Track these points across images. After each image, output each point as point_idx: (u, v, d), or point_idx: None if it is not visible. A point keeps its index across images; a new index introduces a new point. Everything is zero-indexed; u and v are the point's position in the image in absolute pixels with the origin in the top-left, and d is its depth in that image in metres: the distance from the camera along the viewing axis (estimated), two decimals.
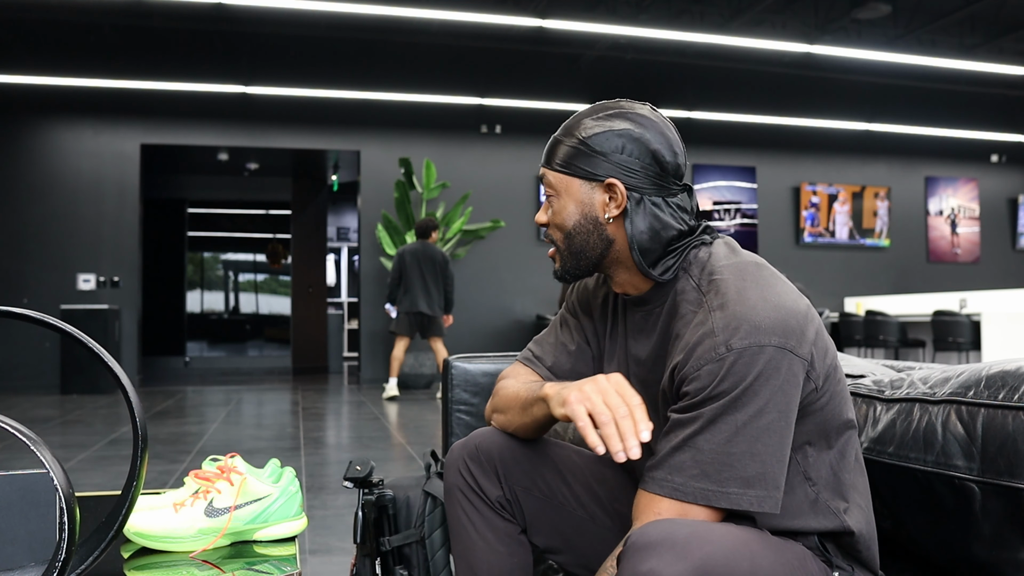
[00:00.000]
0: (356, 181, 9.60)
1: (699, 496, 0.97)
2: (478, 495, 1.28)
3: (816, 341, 1.03)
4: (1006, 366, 1.09)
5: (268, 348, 13.30)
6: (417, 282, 6.96)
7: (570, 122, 1.16)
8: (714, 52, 8.93)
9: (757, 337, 0.97)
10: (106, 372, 0.96)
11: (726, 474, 0.96)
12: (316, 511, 3.11)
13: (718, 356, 0.98)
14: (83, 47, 8.27)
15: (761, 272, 1.07)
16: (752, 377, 0.96)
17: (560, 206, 1.14)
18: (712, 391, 0.97)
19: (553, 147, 1.15)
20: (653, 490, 1.01)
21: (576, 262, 1.16)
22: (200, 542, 1.14)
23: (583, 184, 1.12)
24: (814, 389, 1.03)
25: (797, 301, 1.03)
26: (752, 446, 0.96)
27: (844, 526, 1.06)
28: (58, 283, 8.20)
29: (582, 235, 1.13)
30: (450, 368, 1.95)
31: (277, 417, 6.07)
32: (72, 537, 0.80)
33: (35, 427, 5.33)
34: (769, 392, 0.97)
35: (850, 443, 1.10)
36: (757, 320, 0.98)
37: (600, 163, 1.11)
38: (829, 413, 1.06)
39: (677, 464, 0.99)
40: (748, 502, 0.97)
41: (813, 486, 1.06)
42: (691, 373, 1.00)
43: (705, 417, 0.98)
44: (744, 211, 10.12)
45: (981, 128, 10.74)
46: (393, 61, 8.91)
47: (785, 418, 0.98)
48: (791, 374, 0.98)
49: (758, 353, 0.97)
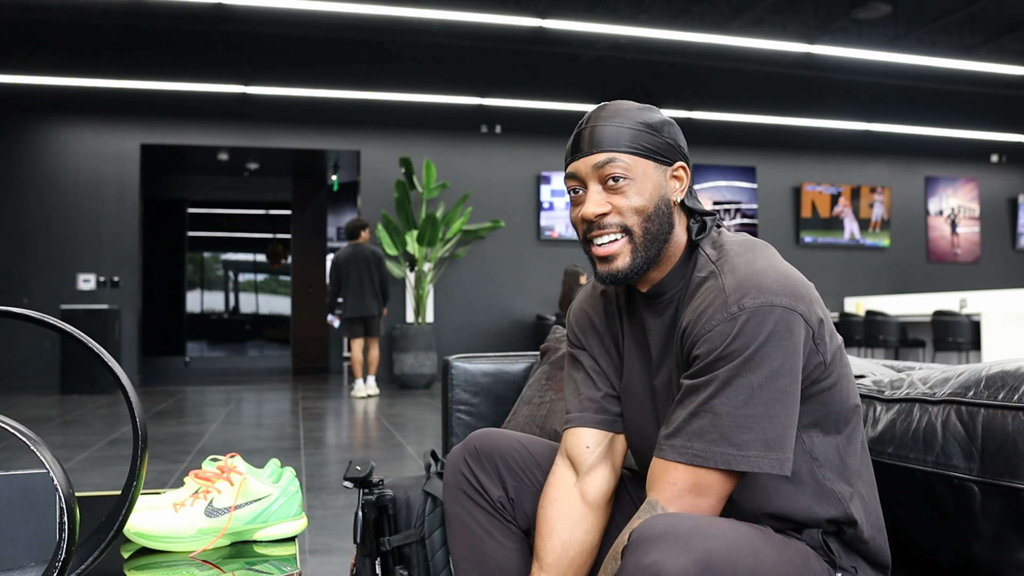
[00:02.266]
0: (356, 181, 9.60)
1: (719, 460, 0.97)
2: (481, 494, 1.28)
3: (823, 316, 1.04)
4: (1006, 366, 1.09)
5: (268, 348, 13.30)
6: (354, 286, 7.09)
7: (611, 110, 1.12)
8: (714, 52, 8.93)
9: (768, 297, 0.99)
10: (106, 372, 0.96)
11: (746, 437, 0.97)
12: (316, 511, 3.11)
13: (730, 316, 0.99)
14: (83, 47, 8.27)
15: (768, 248, 1.10)
16: (764, 336, 0.97)
17: (638, 189, 1.09)
18: (724, 350, 0.98)
19: (610, 132, 1.09)
20: (671, 457, 1.01)
21: (651, 249, 1.10)
22: (200, 542, 1.14)
23: (655, 167, 1.11)
24: (822, 363, 1.03)
25: (802, 277, 1.06)
26: (771, 408, 0.97)
27: (846, 513, 1.06)
28: (58, 283, 8.20)
29: (660, 218, 1.10)
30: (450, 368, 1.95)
31: (277, 417, 6.07)
32: (72, 537, 0.80)
33: (35, 427, 5.33)
34: (782, 354, 0.97)
35: (856, 429, 1.10)
36: (767, 283, 1.00)
37: (668, 147, 1.12)
38: (837, 396, 1.07)
39: (696, 430, 0.99)
40: (769, 465, 0.97)
41: (820, 467, 1.06)
42: (702, 334, 1.01)
43: (720, 379, 0.98)
44: (744, 211, 10.12)
45: (981, 128, 10.74)
46: (393, 61, 8.91)
47: (797, 381, 0.99)
48: (800, 337, 0.99)
49: (769, 312, 0.98)
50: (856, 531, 1.07)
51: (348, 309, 7.13)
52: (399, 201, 8.30)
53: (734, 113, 9.89)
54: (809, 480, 1.06)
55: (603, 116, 1.11)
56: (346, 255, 7.16)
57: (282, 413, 6.30)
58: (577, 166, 1.12)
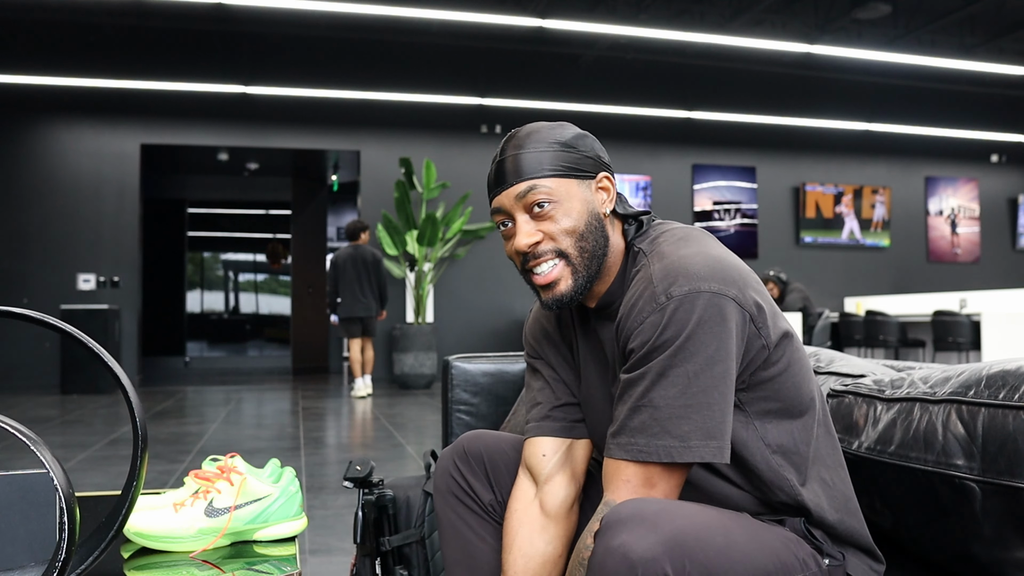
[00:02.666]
0: (356, 181, 9.60)
1: (663, 454, 0.97)
2: (471, 497, 1.28)
3: (760, 300, 1.02)
4: (1006, 366, 1.09)
5: (268, 348, 13.30)
6: (355, 286, 7.13)
7: (523, 136, 1.11)
8: (714, 52, 8.93)
9: (695, 283, 0.98)
10: (106, 372, 0.96)
11: (686, 427, 0.96)
12: (316, 511, 3.11)
13: (659, 306, 0.98)
14: (83, 47, 8.27)
15: (704, 236, 1.09)
16: (694, 323, 0.96)
17: (565, 210, 1.08)
18: (656, 341, 0.97)
19: (528, 159, 1.08)
20: (618, 456, 1.00)
21: (591, 267, 1.09)
22: (200, 542, 1.14)
23: (579, 184, 1.10)
24: (764, 347, 1.02)
25: (738, 261, 1.05)
26: (708, 396, 0.96)
27: (796, 500, 1.05)
28: (58, 283, 8.20)
29: (593, 234, 1.09)
30: (450, 368, 1.95)
31: (277, 417, 6.07)
32: (72, 537, 0.80)
33: (35, 427, 5.33)
34: (715, 340, 0.96)
35: (812, 416, 1.09)
36: (695, 269, 0.99)
37: (587, 161, 1.11)
38: (789, 383, 1.05)
39: (637, 426, 0.98)
40: (711, 453, 0.96)
41: (773, 454, 1.05)
42: (634, 327, 1.00)
43: (654, 371, 0.97)
44: (744, 211, 10.12)
45: (981, 128, 10.74)
46: (393, 61, 8.91)
47: (733, 367, 0.98)
48: (732, 321, 0.98)
49: (696, 298, 0.97)
50: (813, 517, 1.06)
51: (345, 309, 7.18)
52: (399, 201, 8.30)
53: (734, 113, 9.89)
54: (763, 467, 1.05)
55: (517, 144, 1.11)
56: (345, 256, 7.20)
57: (282, 413, 6.30)
58: (500, 200, 1.11)
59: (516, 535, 1.20)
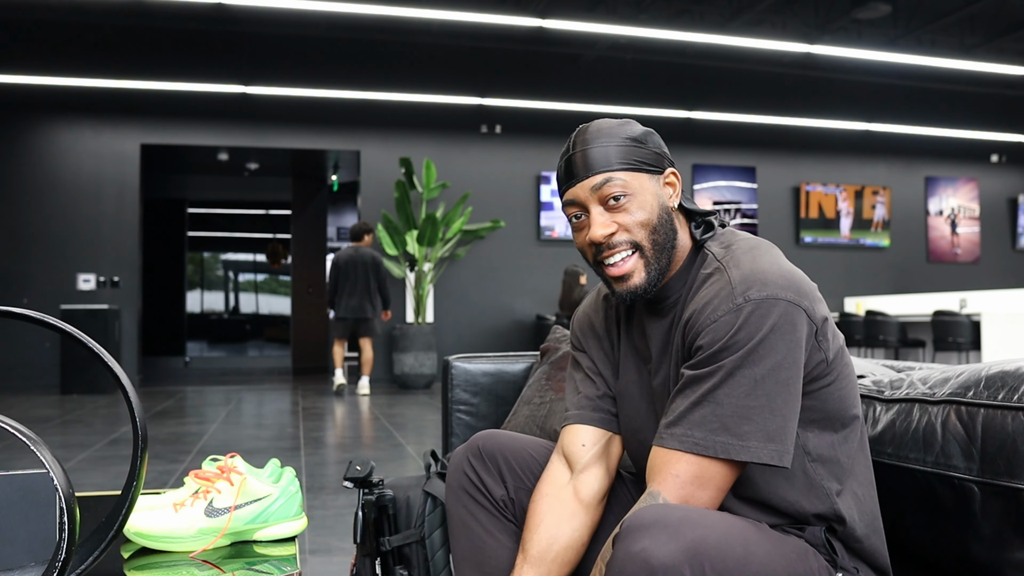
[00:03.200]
0: (356, 181, 9.60)
1: (719, 449, 0.98)
2: (483, 493, 1.28)
3: (825, 314, 1.05)
4: (1006, 366, 1.09)
5: (268, 348, 13.30)
6: (351, 287, 7.19)
7: (594, 131, 1.13)
8: (714, 52, 8.93)
9: (773, 291, 1.00)
10: (106, 372, 0.96)
11: (746, 427, 0.97)
12: (316, 511, 3.11)
13: (735, 307, 1.00)
14: (83, 47, 8.27)
15: (774, 247, 1.12)
16: (768, 328, 0.98)
17: (639, 203, 1.10)
18: (728, 341, 0.99)
19: (601, 152, 1.10)
20: (672, 446, 1.01)
21: (662, 260, 1.11)
22: (200, 542, 1.14)
23: (650, 178, 1.12)
24: (823, 360, 1.04)
25: (805, 276, 1.07)
26: (772, 400, 0.98)
27: (833, 509, 1.06)
28: (58, 283, 8.20)
29: (664, 227, 1.12)
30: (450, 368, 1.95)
31: (277, 417, 6.07)
32: (72, 537, 0.80)
33: (35, 427, 5.33)
34: (786, 347, 0.98)
35: (855, 431, 1.11)
36: (772, 278, 1.02)
37: (656, 156, 1.13)
38: (836, 395, 1.07)
39: (697, 419, 1.00)
40: (769, 455, 0.98)
41: (812, 462, 1.07)
42: (707, 324, 1.02)
43: (724, 370, 0.99)
44: (744, 211, 10.12)
45: (981, 128, 10.74)
46: (393, 61, 8.91)
47: (799, 375, 1.00)
48: (803, 332, 1.00)
49: (773, 305, 0.99)
50: (846, 529, 1.07)
51: (341, 309, 7.25)
52: (399, 201, 8.30)
53: (734, 113, 9.89)
54: (800, 474, 1.06)
55: (589, 138, 1.12)
56: (346, 257, 7.27)
57: (282, 413, 6.30)
58: (575, 191, 1.12)
59: (544, 516, 1.20)
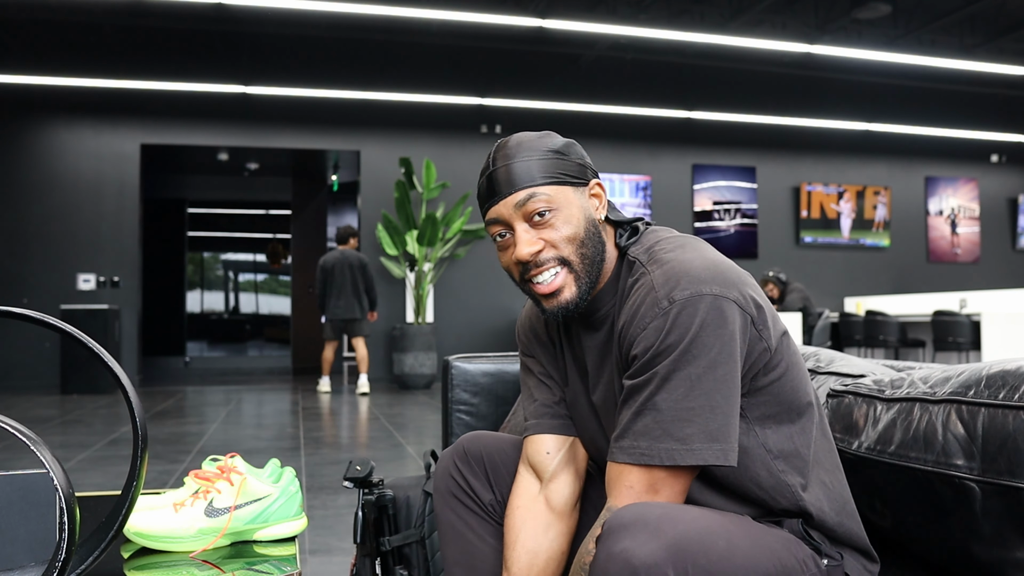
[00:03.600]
0: (356, 181, 9.60)
1: (665, 456, 0.96)
2: (471, 498, 1.28)
3: (760, 301, 1.03)
4: (1006, 366, 1.09)
5: (268, 348, 13.31)
6: (340, 289, 7.40)
7: (514, 145, 1.10)
8: (714, 52, 8.93)
9: (697, 287, 0.98)
10: (106, 372, 0.96)
11: (688, 430, 0.96)
12: (316, 511, 3.11)
13: (661, 311, 0.98)
14: (83, 47, 8.27)
15: (699, 241, 1.10)
16: (697, 326, 0.96)
17: (565, 217, 1.07)
18: (660, 346, 0.97)
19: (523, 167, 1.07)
20: (621, 459, 1.00)
21: (592, 273, 1.09)
22: (200, 542, 1.14)
23: (575, 191, 1.10)
24: (766, 349, 1.02)
25: (734, 265, 1.05)
26: (711, 399, 0.96)
27: (798, 506, 1.05)
28: (58, 283, 8.20)
29: (592, 240, 1.09)
30: (450, 368, 1.95)
31: (277, 417, 6.07)
32: (72, 537, 0.80)
33: (35, 427, 5.33)
34: (719, 342, 0.96)
35: (811, 419, 1.09)
36: (695, 272, 0.99)
37: (579, 168, 1.11)
38: (788, 386, 1.06)
39: (640, 429, 0.98)
40: (714, 456, 0.96)
41: (775, 459, 1.05)
42: (637, 333, 1.00)
43: (659, 375, 0.97)
44: (744, 211, 10.11)
45: (981, 128, 10.74)
46: (393, 61, 8.91)
47: (737, 369, 0.98)
48: (735, 323, 0.98)
49: (699, 301, 0.97)
50: (815, 520, 1.06)
51: (331, 311, 7.42)
52: (399, 201, 8.30)
53: (734, 113, 9.89)
54: (764, 473, 1.05)
55: (510, 153, 1.09)
56: (333, 259, 7.45)
57: (282, 413, 6.30)
58: (498, 209, 1.09)
59: (520, 531, 1.19)
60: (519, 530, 1.19)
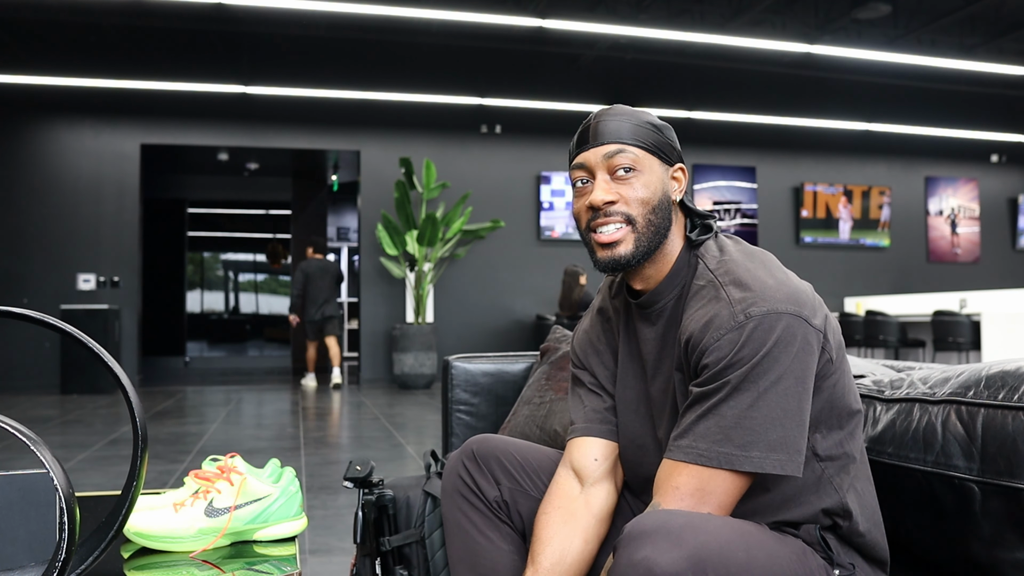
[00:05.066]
0: (356, 181, 9.60)
1: (722, 460, 0.99)
2: (477, 495, 1.29)
3: (827, 318, 1.07)
4: (1006, 366, 1.09)
5: (268, 348, 13.30)
6: (317, 293, 8.23)
7: (616, 109, 1.15)
8: (714, 52, 8.92)
9: (774, 305, 1.01)
10: (106, 372, 0.96)
11: (749, 439, 0.98)
12: (316, 511, 3.11)
13: (737, 324, 1.00)
14: (83, 47, 8.27)
15: (768, 257, 1.13)
16: (771, 343, 0.99)
17: (645, 181, 1.12)
18: (733, 358, 1.00)
19: (618, 126, 1.13)
20: (677, 457, 1.02)
21: (652, 240, 1.12)
22: (200, 542, 1.14)
23: (660, 164, 1.14)
24: (829, 360, 1.05)
25: (803, 283, 1.08)
26: (773, 411, 0.98)
27: (842, 503, 1.07)
28: (58, 283, 8.20)
29: (662, 211, 1.13)
30: (450, 368, 1.95)
31: (277, 417, 6.07)
32: (72, 537, 0.80)
33: (35, 427, 5.33)
34: (788, 359, 0.99)
35: (858, 427, 1.12)
36: (771, 292, 1.02)
37: (670, 147, 1.16)
38: (840, 393, 1.08)
39: (701, 431, 1.01)
40: (771, 465, 0.98)
41: (820, 462, 1.08)
42: (711, 344, 1.02)
43: (729, 385, 1.00)
44: (744, 211, 10.12)
45: (981, 128, 10.73)
46: (393, 61, 8.91)
47: (803, 384, 1.01)
48: (807, 342, 1.01)
49: (776, 320, 1.00)
50: (851, 523, 1.08)
51: (310, 313, 8.18)
52: (399, 201, 8.30)
53: (734, 113, 9.89)
54: (808, 472, 1.07)
55: (610, 113, 1.15)
56: (315, 267, 8.24)
57: (282, 413, 6.30)
58: (586, 156, 1.14)
59: (558, 529, 1.19)
60: (556, 528, 1.19)
